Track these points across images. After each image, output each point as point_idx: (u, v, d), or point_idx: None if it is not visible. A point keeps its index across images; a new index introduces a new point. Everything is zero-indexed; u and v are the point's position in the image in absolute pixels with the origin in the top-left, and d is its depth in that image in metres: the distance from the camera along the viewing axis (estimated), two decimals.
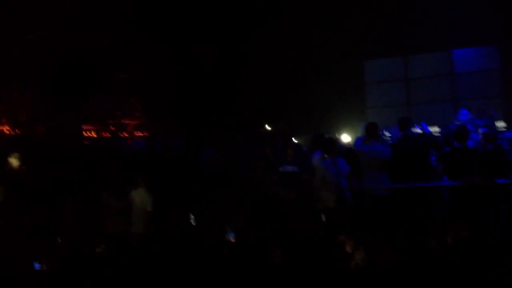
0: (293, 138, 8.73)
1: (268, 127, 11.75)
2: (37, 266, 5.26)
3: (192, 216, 6.18)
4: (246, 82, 12.22)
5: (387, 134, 7.64)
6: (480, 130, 6.38)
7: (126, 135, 12.42)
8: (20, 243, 5.73)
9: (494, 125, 7.46)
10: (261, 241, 5.35)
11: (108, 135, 11.92)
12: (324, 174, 6.46)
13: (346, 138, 9.70)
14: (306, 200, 6.49)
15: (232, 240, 5.37)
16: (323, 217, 6.20)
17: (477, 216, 5.60)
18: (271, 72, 11.95)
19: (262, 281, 4.38)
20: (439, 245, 4.70)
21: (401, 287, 4.05)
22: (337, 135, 9.87)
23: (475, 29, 9.90)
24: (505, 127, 7.74)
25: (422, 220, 5.65)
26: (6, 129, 10.02)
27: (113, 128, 12.22)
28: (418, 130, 7.38)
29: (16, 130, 10.07)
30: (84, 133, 11.52)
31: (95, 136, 11.65)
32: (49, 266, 5.24)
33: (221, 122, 11.37)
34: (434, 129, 8.19)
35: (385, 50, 11.17)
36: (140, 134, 12.69)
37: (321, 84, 11.57)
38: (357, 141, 6.93)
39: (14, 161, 6.54)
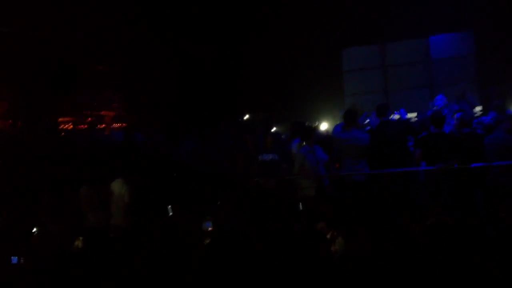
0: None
1: (249, 116, 11.75)
2: (14, 260, 5.16)
3: (169, 206, 6.13)
4: (226, 73, 12.17)
5: (367, 121, 7.68)
6: (455, 115, 6.45)
7: (104, 126, 12.29)
8: None
9: (470, 109, 7.54)
10: (241, 230, 5.34)
11: (85, 126, 11.78)
12: (303, 161, 6.48)
13: (324, 126, 9.74)
14: (286, 188, 6.50)
15: (210, 229, 5.36)
16: (302, 205, 6.22)
17: (453, 200, 5.69)
18: (250, 62, 11.91)
19: (242, 270, 4.37)
20: (417, 230, 4.74)
21: (381, 273, 4.07)
22: (317, 123, 9.91)
23: (450, 15, 9.98)
24: (481, 111, 7.83)
25: (401, 205, 5.72)
26: None
27: (90, 120, 12.08)
28: (397, 117, 7.45)
29: None
30: (61, 125, 11.36)
31: (71, 127, 11.49)
32: (27, 260, 5.15)
33: (202, 113, 11.31)
34: (413, 115, 8.27)
35: (362, 38, 11.20)
36: (118, 125, 12.55)
37: (299, 73, 11.58)
38: (336, 128, 6.96)
39: None
